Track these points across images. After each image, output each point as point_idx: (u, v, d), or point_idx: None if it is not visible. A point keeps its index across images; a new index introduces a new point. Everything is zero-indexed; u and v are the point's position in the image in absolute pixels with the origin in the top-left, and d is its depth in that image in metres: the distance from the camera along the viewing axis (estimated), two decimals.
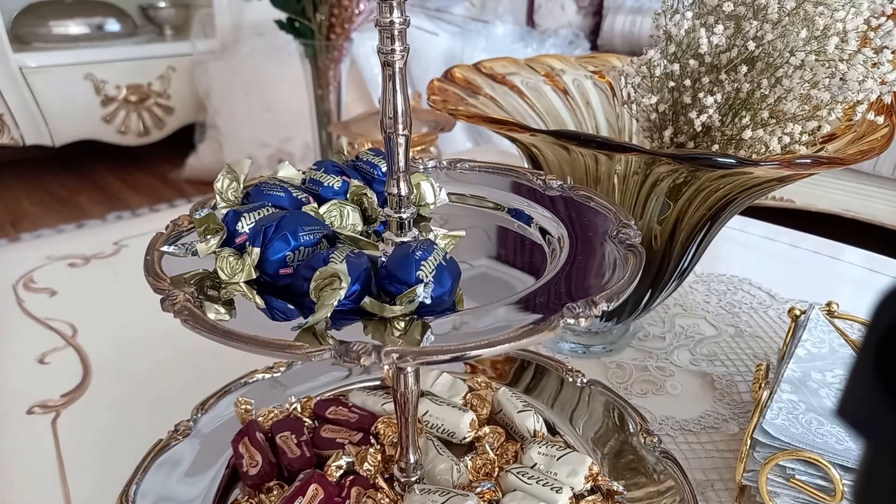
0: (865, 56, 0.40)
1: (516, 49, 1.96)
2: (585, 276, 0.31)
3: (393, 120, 0.30)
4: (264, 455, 0.40)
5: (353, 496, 0.37)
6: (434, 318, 0.27)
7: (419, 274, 0.26)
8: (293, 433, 0.42)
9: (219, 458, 0.43)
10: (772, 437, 0.39)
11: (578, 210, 0.37)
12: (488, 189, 0.40)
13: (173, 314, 0.26)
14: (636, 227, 0.32)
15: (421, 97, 0.95)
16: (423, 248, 0.28)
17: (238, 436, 0.42)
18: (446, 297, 0.27)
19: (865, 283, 0.72)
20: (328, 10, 1.05)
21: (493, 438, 0.43)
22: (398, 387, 0.36)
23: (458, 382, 0.48)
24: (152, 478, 0.40)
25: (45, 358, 0.57)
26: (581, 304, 0.26)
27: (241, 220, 0.30)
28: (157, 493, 0.40)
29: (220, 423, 0.45)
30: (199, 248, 0.30)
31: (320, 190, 0.35)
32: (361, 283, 0.27)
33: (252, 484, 0.40)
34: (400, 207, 0.32)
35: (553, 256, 0.33)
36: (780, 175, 0.39)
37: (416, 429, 0.38)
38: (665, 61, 0.45)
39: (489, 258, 0.36)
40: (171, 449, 0.43)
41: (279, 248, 0.28)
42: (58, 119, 2.16)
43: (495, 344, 0.24)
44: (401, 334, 0.26)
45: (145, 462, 0.41)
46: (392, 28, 0.28)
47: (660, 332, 0.61)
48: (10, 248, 1.29)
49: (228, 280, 0.29)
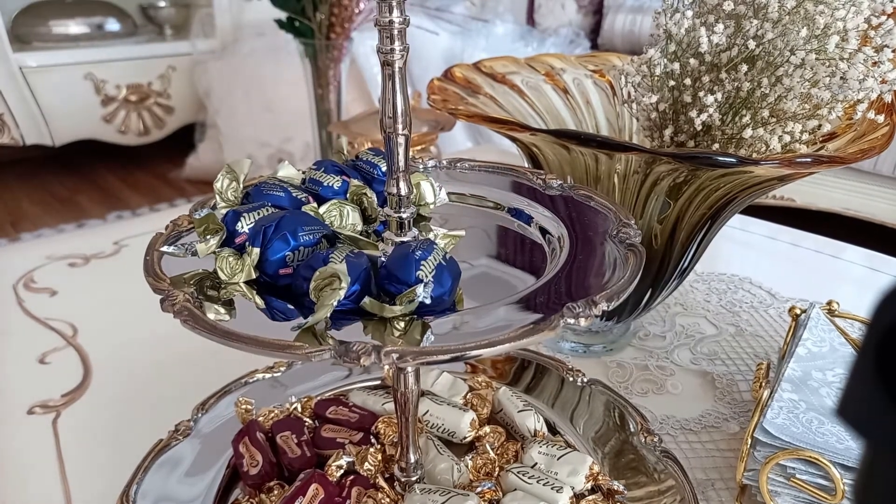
0: (866, 55, 0.40)
1: (516, 48, 1.96)
2: (586, 276, 0.31)
3: (393, 119, 0.30)
4: (265, 455, 0.40)
5: (354, 496, 0.37)
6: (434, 318, 0.27)
7: (419, 274, 0.26)
8: (293, 433, 0.42)
9: (219, 457, 0.43)
10: (772, 436, 0.39)
11: (578, 209, 0.37)
12: (488, 188, 0.40)
13: (173, 314, 0.26)
14: (636, 227, 0.32)
15: (421, 97, 0.95)
16: (423, 248, 0.28)
17: (238, 435, 0.42)
18: (446, 296, 0.27)
19: (866, 281, 0.72)
20: (328, 10, 1.05)
21: (493, 438, 0.43)
22: (398, 386, 0.36)
23: (459, 382, 0.48)
24: (153, 478, 0.40)
25: (45, 358, 0.57)
26: (581, 303, 0.26)
27: (240, 220, 0.30)
28: (158, 492, 0.39)
29: (221, 423, 0.45)
30: (199, 248, 0.29)
31: (320, 190, 0.35)
32: (361, 283, 0.27)
33: (252, 484, 0.40)
34: (400, 207, 0.32)
35: (553, 256, 0.33)
36: (781, 174, 0.39)
37: (416, 428, 0.38)
38: (665, 60, 0.45)
39: (489, 257, 0.36)
40: (171, 449, 0.43)
41: (279, 249, 0.28)
42: (58, 119, 2.16)
43: (495, 344, 0.24)
44: (401, 334, 0.26)
45: (146, 462, 0.41)
46: (392, 28, 0.28)
47: (660, 332, 0.61)
48: (10, 247, 1.29)
49: (228, 280, 0.28)
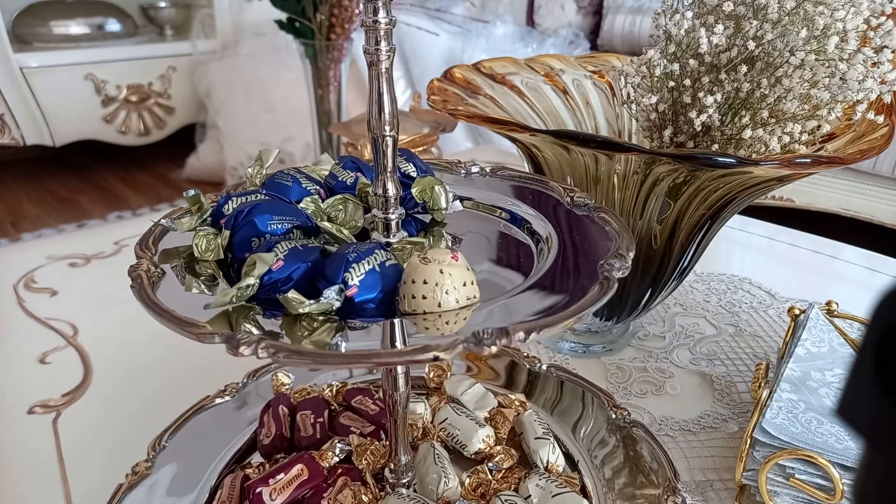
0: (865, 55, 0.41)
1: (516, 49, 1.96)
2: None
3: (379, 121, 0.30)
4: (279, 427, 0.42)
5: (338, 485, 0.38)
6: (358, 321, 0.27)
7: (346, 276, 0.26)
8: (313, 413, 0.44)
9: (252, 425, 0.45)
10: (771, 436, 0.39)
11: (585, 230, 0.35)
12: (492, 193, 0.40)
13: (130, 281, 0.28)
14: (628, 262, 0.29)
15: (421, 97, 0.95)
16: (360, 252, 0.28)
17: (266, 406, 0.44)
18: (372, 304, 0.27)
19: (865, 282, 0.72)
20: (328, 10, 1.05)
21: (502, 460, 0.41)
22: (387, 387, 0.35)
23: (489, 396, 0.46)
24: (186, 430, 0.44)
25: (45, 358, 0.57)
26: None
27: (229, 202, 0.31)
28: (186, 444, 0.43)
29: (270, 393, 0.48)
30: (178, 223, 0.32)
31: (335, 184, 0.36)
32: (299, 277, 0.27)
33: (263, 453, 0.42)
34: (387, 208, 0.32)
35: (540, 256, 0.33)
36: (780, 174, 0.39)
37: (406, 431, 0.38)
38: (665, 61, 0.45)
39: (489, 261, 0.36)
40: (212, 407, 0.46)
41: (246, 234, 0.30)
42: (58, 119, 2.16)
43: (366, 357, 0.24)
44: (309, 332, 0.25)
45: (184, 416, 0.45)
46: (377, 28, 0.28)
47: (660, 332, 0.61)
48: (10, 247, 1.29)
49: (200, 257, 0.30)
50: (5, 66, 2.02)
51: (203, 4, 2.35)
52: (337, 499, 0.37)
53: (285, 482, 0.37)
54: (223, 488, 0.39)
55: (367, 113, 0.30)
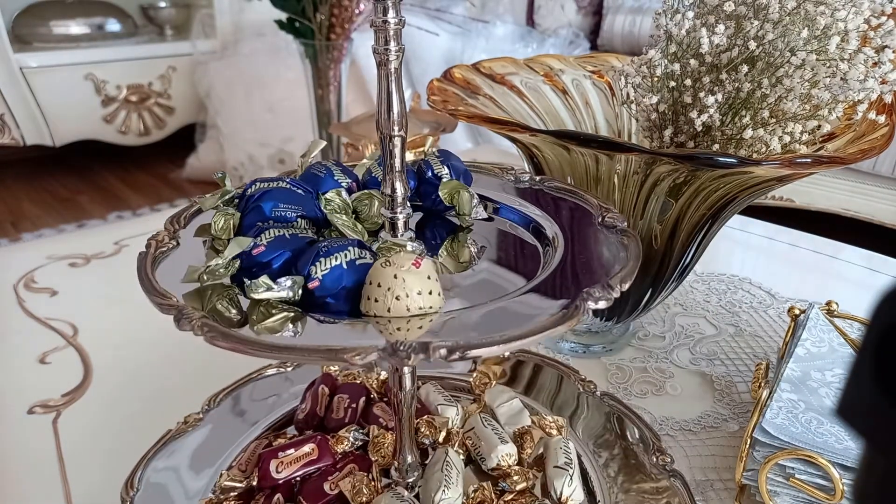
0: (866, 55, 0.41)
1: (516, 49, 1.96)
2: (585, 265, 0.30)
3: (389, 121, 0.30)
4: (313, 406, 0.44)
5: (345, 471, 0.38)
6: (318, 315, 0.27)
7: (311, 269, 0.27)
8: (349, 397, 0.45)
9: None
10: (771, 436, 0.39)
11: (593, 251, 0.33)
12: (484, 190, 0.40)
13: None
14: (611, 295, 0.28)
15: (421, 98, 0.95)
16: (332, 246, 0.28)
17: (311, 383, 0.46)
18: (331, 299, 0.27)
19: (865, 282, 0.72)
20: (328, 10, 1.05)
21: (516, 481, 0.38)
22: (393, 386, 0.35)
23: (525, 414, 0.44)
24: (243, 392, 0.49)
25: (45, 358, 0.57)
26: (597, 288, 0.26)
27: (253, 186, 0.32)
28: (238, 406, 0.47)
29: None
30: (202, 201, 0.34)
31: (368, 179, 0.37)
32: (281, 264, 0.28)
33: (297, 427, 0.44)
34: (394, 208, 0.32)
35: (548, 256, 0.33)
36: (781, 174, 0.39)
37: (411, 431, 0.38)
38: (665, 61, 0.45)
39: (490, 261, 0.36)
40: (266, 377, 0.51)
41: (252, 218, 0.31)
42: (58, 119, 2.16)
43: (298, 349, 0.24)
44: (264, 318, 0.26)
45: (245, 379, 0.49)
46: (387, 28, 0.28)
47: (660, 332, 0.61)
48: (10, 247, 1.29)
49: (216, 234, 0.31)
50: (5, 66, 2.02)
51: (203, 4, 2.35)
52: (338, 484, 0.37)
53: (294, 458, 0.38)
54: (245, 452, 0.41)
55: (376, 112, 0.30)
